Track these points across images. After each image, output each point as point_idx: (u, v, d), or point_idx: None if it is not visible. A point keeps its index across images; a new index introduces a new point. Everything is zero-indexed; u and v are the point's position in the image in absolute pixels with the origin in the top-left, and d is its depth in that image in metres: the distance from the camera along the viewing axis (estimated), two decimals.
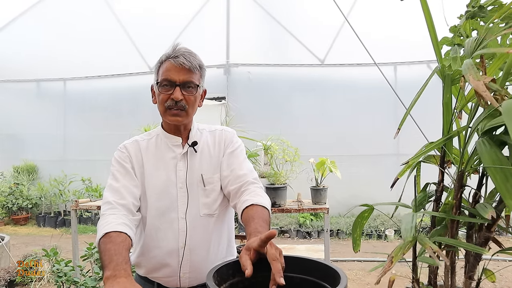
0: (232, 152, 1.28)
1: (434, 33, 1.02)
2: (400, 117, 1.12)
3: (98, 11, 6.83)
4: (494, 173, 0.81)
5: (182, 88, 1.18)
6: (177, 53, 1.18)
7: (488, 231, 0.97)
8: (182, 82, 1.17)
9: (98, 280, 2.42)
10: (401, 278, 1.28)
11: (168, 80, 1.17)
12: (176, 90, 1.17)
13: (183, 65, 1.16)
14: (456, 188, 1.02)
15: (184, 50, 1.20)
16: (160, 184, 1.23)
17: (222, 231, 1.29)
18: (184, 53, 1.18)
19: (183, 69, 1.17)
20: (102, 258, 0.95)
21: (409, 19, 5.62)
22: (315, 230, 5.90)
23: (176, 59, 1.17)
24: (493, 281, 1.10)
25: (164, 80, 1.18)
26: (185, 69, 1.17)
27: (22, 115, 7.40)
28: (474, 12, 1.03)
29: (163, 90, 1.18)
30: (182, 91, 1.17)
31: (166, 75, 1.17)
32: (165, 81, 1.18)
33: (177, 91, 1.17)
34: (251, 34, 6.68)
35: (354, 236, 1.24)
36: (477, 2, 1.05)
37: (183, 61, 1.16)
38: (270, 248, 0.81)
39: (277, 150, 2.80)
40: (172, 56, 1.18)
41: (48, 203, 7.06)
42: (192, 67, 1.17)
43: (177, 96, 1.16)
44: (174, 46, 1.21)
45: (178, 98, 1.17)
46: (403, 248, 0.95)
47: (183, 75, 1.17)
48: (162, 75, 1.18)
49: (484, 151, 0.85)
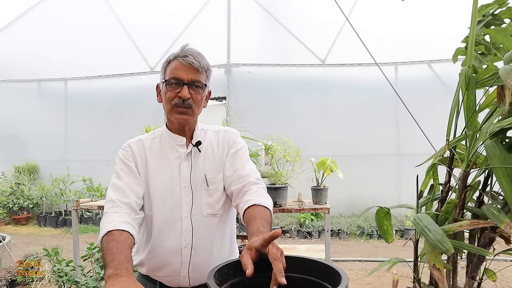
0: (235, 152, 1.29)
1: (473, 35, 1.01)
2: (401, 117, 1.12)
3: (99, 11, 6.85)
4: (501, 176, 0.81)
5: (190, 87, 1.19)
6: (186, 52, 1.20)
7: (493, 232, 0.97)
8: (190, 81, 1.19)
9: (99, 280, 2.42)
10: (402, 278, 1.28)
11: (177, 78, 1.18)
12: (184, 89, 1.18)
13: (192, 64, 1.18)
14: (460, 188, 1.02)
15: (193, 50, 1.21)
16: (164, 183, 1.23)
17: (225, 231, 1.30)
18: (193, 53, 1.20)
19: (191, 68, 1.18)
20: (104, 257, 0.96)
21: (410, 19, 5.64)
22: (315, 230, 5.90)
23: (185, 58, 1.18)
24: (494, 280, 1.10)
25: (172, 78, 1.19)
26: (193, 68, 1.18)
27: (23, 115, 7.42)
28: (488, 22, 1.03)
29: (171, 88, 1.19)
30: (189, 89, 1.19)
31: (174, 73, 1.19)
32: (173, 79, 1.19)
33: (184, 90, 1.18)
34: (252, 34, 6.68)
35: (383, 228, 1.17)
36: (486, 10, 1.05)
37: (192, 60, 1.17)
38: (271, 248, 0.81)
39: (278, 150, 2.80)
40: (180, 55, 1.19)
41: (49, 203, 7.07)
42: (200, 67, 1.19)
43: (184, 94, 1.17)
44: (182, 46, 1.22)
45: (185, 96, 1.17)
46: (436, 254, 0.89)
47: (191, 74, 1.18)
48: (170, 74, 1.19)
49: (493, 154, 0.85)
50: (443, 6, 5.38)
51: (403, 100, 4.17)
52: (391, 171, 6.15)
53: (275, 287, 0.76)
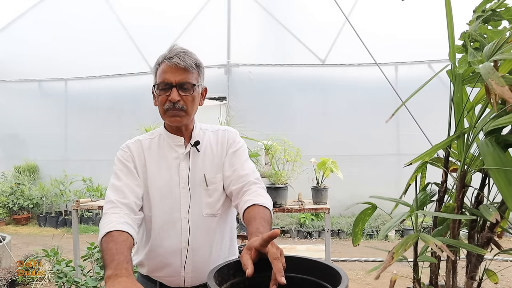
0: (234, 152, 1.28)
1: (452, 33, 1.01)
2: (401, 117, 1.13)
3: (99, 11, 6.84)
4: (497, 175, 0.81)
5: (179, 88, 1.17)
6: (172, 53, 1.18)
7: (491, 232, 0.97)
8: (178, 82, 1.17)
9: (99, 280, 2.42)
10: (402, 278, 1.27)
11: (165, 82, 1.17)
12: (173, 92, 1.16)
13: (178, 65, 1.16)
14: (458, 188, 1.02)
15: (179, 50, 1.19)
16: (163, 184, 1.23)
17: (225, 231, 1.30)
18: (179, 53, 1.17)
19: (178, 69, 1.16)
20: (103, 257, 0.96)
21: (410, 19, 5.63)
22: (315, 230, 5.89)
23: (170, 60, 1.16)
24: (496, 282, 1.10)
25: (161, 83, 1.18)
26: (180, 69, 1.16)
27: (24, 115, 7.42)
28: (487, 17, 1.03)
29: (161, 93, 1.18)
30: (179, 91, 1.17)
31: (162, 77, 1.17)
32: (162, 84, 1.18)
33: (174, 92, 1.16)
34: (252, 34, 6.68)
35: (355, 230, 1.24)
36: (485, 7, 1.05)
37: (177, 61, 1.15)
38: (271, 247, 0.81)
39: (278, 150, 2.80)
40: (167, 57, 1.18)
41: (49, 203, 7.07)
42: (187, 66, 1.16)
43: (174, 97, 1.16)
44: (170, 46, 1.21)
45: (175, 100, 1.16)
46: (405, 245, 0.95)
47: (179, 76, 1.16)
48: (159, 78, 1.18)
49: (487, 152, 0.85)
50: (443, 6, 5.38)
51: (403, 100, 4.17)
52: (392, 171, 6.14)
53: (275, 286, 0.76)
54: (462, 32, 1.14)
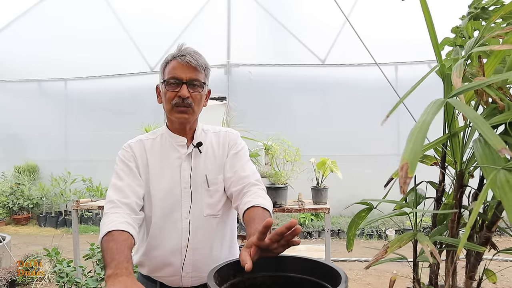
0: (235, 153, 1.29)
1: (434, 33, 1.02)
2: (401, 117, 1.13)
3: (99, 11, 6.84)
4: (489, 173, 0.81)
5: (189, 86, 1.19)
6: (183, 52, 1.20)
7: (489, 231, 0.97)
8: (189, 79, 1.19)
9: (99, 281, 2.42)
10: (402, 278, 1.28)
11: (175, 78, 1.19)
12: (183, 88, 1.18)
13: (190, 63, 1.18)
14: (455, 188, 1.02)
15: (190, 49, 1.22)
16: (165, 184, 1.23)
17: (225, 232, 1.30)
18: (191, 52, 1.20)
19: (189, 67, 1.19)
20: (104, 257, 0.96)
21: (410, 19, 5.62)
22: (315, 230, 5.90)
23: (183, 57, 1.19)
24: (494, 282, 1.10)
25: (171, 78, 1.19)
26: (191, 67, 1.19)
27: (23, 115, 7.42)
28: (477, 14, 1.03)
29: (170, 88, 1.20)
30: (188, 88, 1.19)
31: (173, 73, 1.19)
32: (172, 79, 1.19)
33: (183, 89, 1.18)
34: (252, 34, 6.68)
35: (348, 235, 1.24)
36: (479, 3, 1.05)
37: (189, 59, 1.18)
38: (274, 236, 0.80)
39: (278, 150, 2.80)
40: (178, 55, 1.20)
41: (49, 203, 7.07)
42: (198, 65, 1.19)
43: (184, 93, 1.18)
44: (179, 46, 1.23)
45: (185, 95, 1.18)
46: (400, 241, 0.95)
47: (190, 73, 1.19)
48: (169, 74, 1.20)
49: (482, 151, 0.85)
50: (443, 6, 5.38)
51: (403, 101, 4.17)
52: (392, 171, 6.04)
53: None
54: (454, 27, 1.14)
